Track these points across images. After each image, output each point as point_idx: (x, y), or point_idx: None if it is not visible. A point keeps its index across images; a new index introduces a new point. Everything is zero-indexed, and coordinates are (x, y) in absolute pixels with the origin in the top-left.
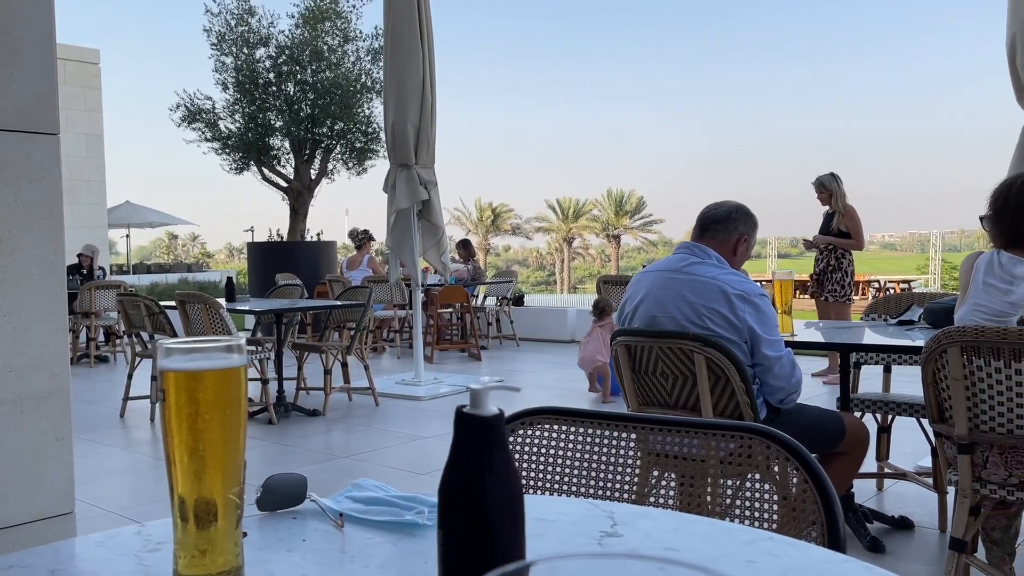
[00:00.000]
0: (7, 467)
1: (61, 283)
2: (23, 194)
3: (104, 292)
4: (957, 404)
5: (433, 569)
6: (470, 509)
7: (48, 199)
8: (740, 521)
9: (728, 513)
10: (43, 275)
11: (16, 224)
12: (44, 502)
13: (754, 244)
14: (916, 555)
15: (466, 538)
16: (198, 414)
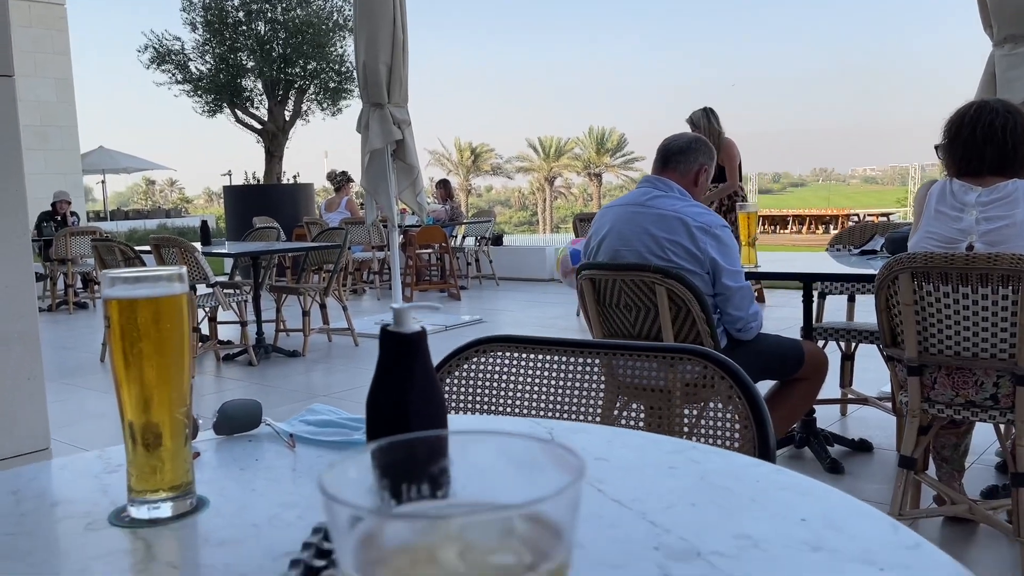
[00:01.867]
0: None
1: (25, 228)
2: None
3: (80, 238)
4: (907, 328)
5: None
6: (393, 419)
7: (6, 142)
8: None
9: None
10: (5, 219)
11: None
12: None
13: (712, 174)
14: (873, 475)
15: None
16: (141, 340)
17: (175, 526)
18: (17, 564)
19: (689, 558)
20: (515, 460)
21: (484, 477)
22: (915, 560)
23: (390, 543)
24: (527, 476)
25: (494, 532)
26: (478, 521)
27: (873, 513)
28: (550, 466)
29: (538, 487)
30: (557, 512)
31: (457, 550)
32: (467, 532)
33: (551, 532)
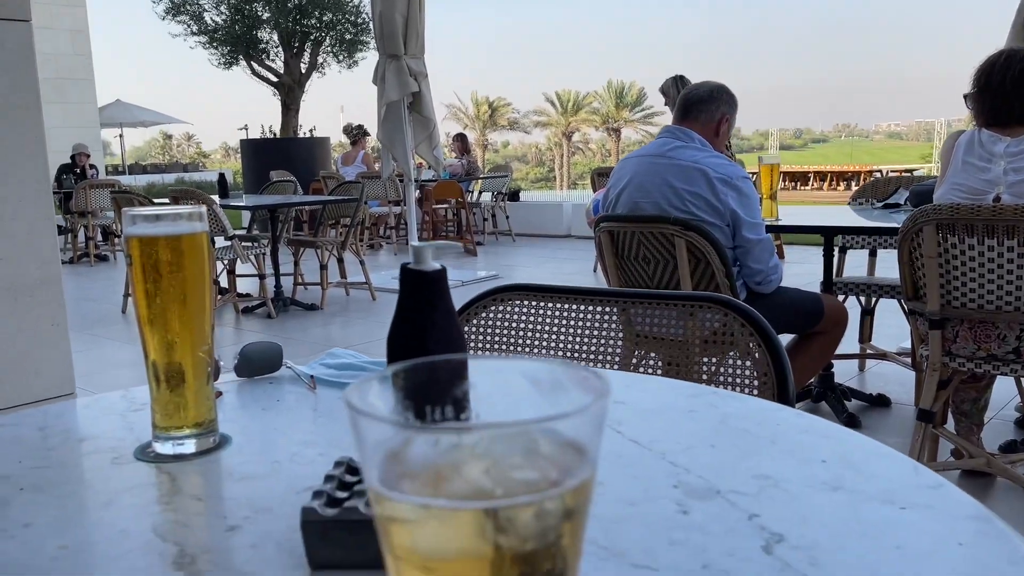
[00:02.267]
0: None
1: (45, 174)
2: None
3: (99, 191)
4: (930, 281)
5: None
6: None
7: (24, 88)
8: None
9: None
10: (25, 165)
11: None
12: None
13: (734, 124)
14: (890, 429)
15: None
16: (163, 278)
17: (199, 462)
18: (46, 496)
19: (708, 496)
20: (539, 383)
21: (507, 400)
22: (936, 500)
23: (415, 458)
24: (550, 398)
25: (518, 447)
26: (502, 434)
27: (894, 455)
28: (574, 388)
29: (562, 407)
30: (580, 430)
31: (482, 466)
32: (491, 447)
33: (575, 451)
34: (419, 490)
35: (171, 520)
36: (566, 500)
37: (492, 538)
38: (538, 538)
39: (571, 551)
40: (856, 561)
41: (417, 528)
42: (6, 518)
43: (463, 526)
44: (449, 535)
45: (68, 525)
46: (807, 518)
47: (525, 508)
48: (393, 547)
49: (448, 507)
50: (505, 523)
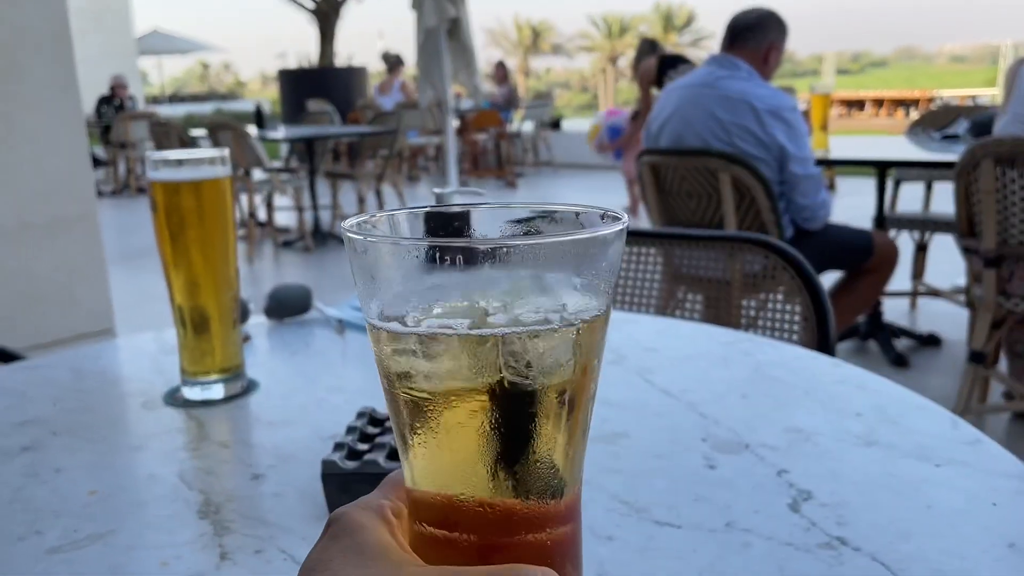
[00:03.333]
0: (45, 287)
1: (78, 109)
2: (28, 15)
3: (138, 123)
4: (987, 218)
5: None
6: None
7: (54, 19)
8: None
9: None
10: (59, 100)
11: (23, 47)
12: (83, 319)
13: (784, 51)
14: (940, 369)
15: None
16: (186, 223)
17: (226, 407)
18: (79, 439)
19: (736, 450)
20: (557, 221)
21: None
22: (973, 456)
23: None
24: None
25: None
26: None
27: (932, 408)
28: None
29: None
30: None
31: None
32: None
33: (588, 286)
34: (421, 319)
35: (197, 467)
36: (579, 333)
37: (500, 368)
38: (548, 373)
39: (581, 404)
40: (884, 521)
41: (420, 361)
42: (39, 463)
43: (470, 356)
44: (456, 367)
45: (98, 470)
46: (838, 474)
47: (535, 337)
48: (394, 387)
49: (455, 334)
50: (514, 353)
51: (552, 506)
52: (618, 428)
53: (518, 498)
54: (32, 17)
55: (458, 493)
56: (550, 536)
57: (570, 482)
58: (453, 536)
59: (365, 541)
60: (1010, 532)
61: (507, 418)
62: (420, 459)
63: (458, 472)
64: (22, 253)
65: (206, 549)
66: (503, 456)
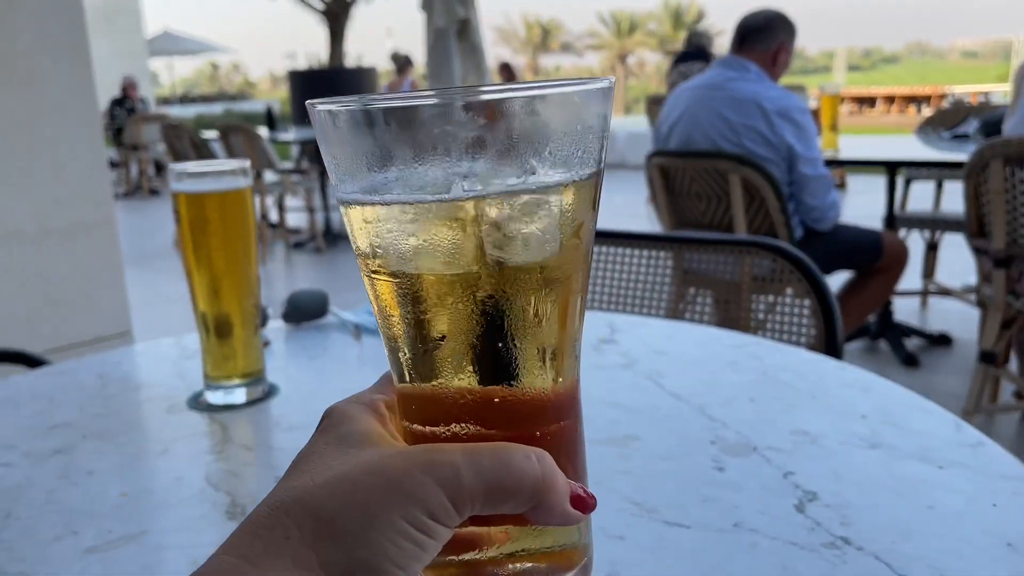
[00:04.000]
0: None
1: (95, 114)
2: (48, 26)
3: (150, 125)
4: (996, 218)
5: None
6: None
7: (73, 29)
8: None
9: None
10: (77, 107)
11: (44, 55)
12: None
13: (793, 52)
14: (950, 369)
15: None
16: (209, 233)
17: (248, 411)
18: (108, 443)
19: (744, 453)
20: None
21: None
22: (975, 459)
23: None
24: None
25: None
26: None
27: (936, 411)
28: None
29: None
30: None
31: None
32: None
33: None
34: (392, 190)
35: (223, 469)
36: (565, 198)
37: (480, 240)
38: (532, 243)
39: (570, 287)
40: (887, 521)
41: (393, 238)
42: (71, 465)
43: (446, 226)
44: (430, 240)
45: (128, 472)
46: (842, 476)
47: (515, 202)
48: (370, 270)
49: (429, 202)
50: (494, 222)
51: (544, 397)
52: (628, 431)
53: (506, 388)
54: (51, 25)
55: (442, 384)
56: (545, 430)
57: (564, 370)
58: (440, 431)
59: (351, 431)
60: (1009, 532)
61: (489, 298)
62: (401, 350)
63: (440, 361)
64: (42, 257)
65: None
66: (487, 341)
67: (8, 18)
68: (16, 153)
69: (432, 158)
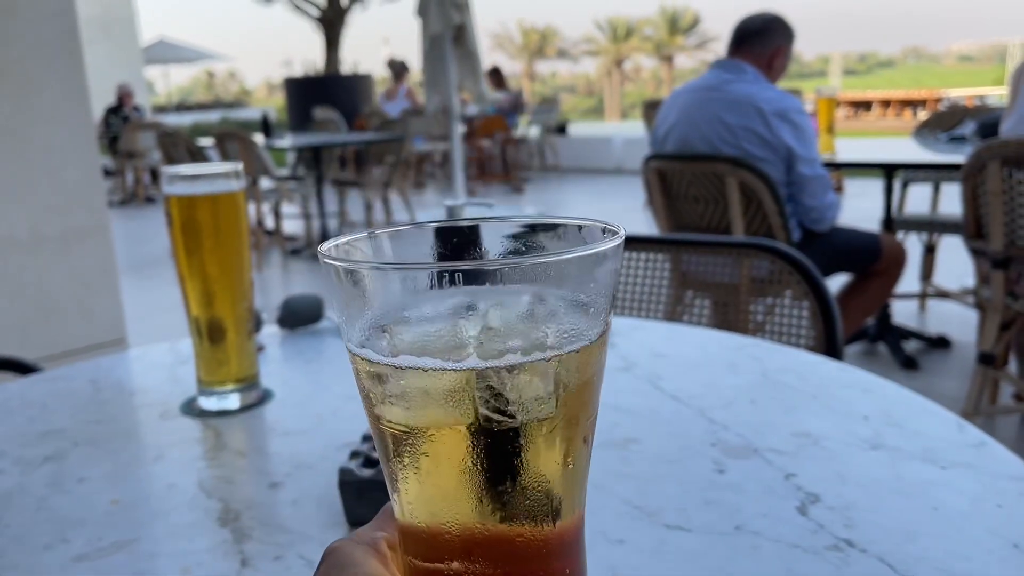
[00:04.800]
0: (60, 298)
1: (89, 121)
2: (42, 33)
3: (146, 133)
4: (994, 219)
5: None
6: None
7: (66, 36)
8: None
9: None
10: (71, 114)
11: (38, 63)
12: (96, 330)
13: (791, 56)
14: (950, 371)
15: None
16: (201, 236)
17: (242, 416)
18: (99, 450)
19: (745, 455)
20: (552, 238)
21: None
22: (978, 459)
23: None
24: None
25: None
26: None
27: (938, 411)
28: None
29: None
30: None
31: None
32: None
33: (578, 310)
34: (397, 349)
35: (216, 476)
36: (566, 364)
37: (477, 404)
38: (530, 408)
39: (573, 435)
40: (891, 523)
41: (395, 393)
42: (63, 472)
43: (445, 390)
44: (430, 401)
45: (119, 479)
46: (845, 477)
47: (514, 372)
48: (374, 416)
49: (429, 368)
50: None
51: (546, 538)
52: (629, 434)
53: (508, 532)
54: (45, 33)
55: (445, 526)
56: (549, 568)
57: (566, 512)
58: (444, 569)
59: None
60: (1014, 533)
61: (489, 454)
62: (405, 492)
63: (443, 506)
64: (36, 265)
65: (227, 556)
66: (488, 491)
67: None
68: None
69: (437, 321)
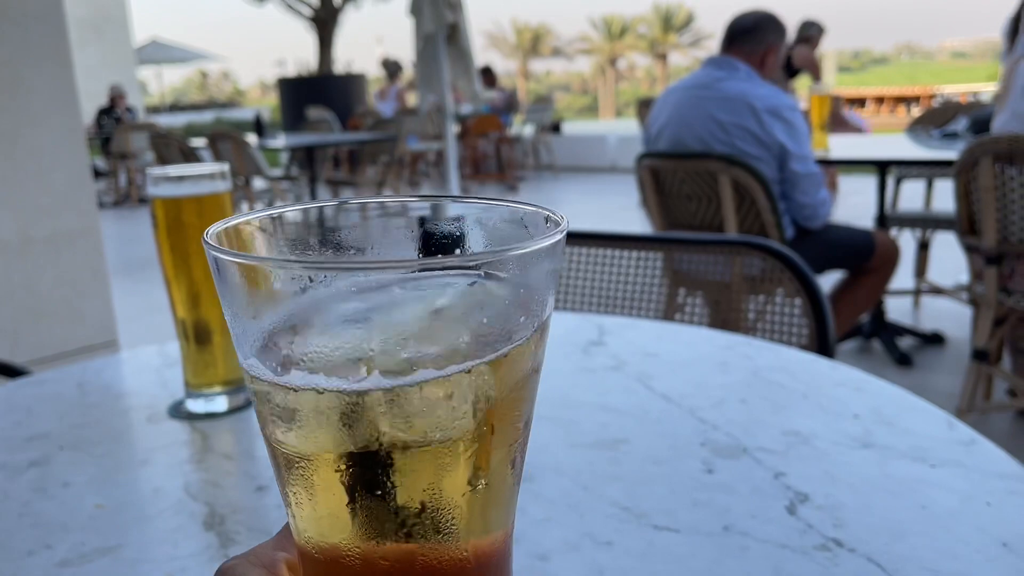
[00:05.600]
0: (50, 300)
1: (79, 123)
2: (30, 33)
3: (138, 134)
4: (986, 215)
5: None
6: None
7: (55, 36)
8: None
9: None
10: (60, 115)
11: (26, 64)
12: (87, 332)
13: (783, 55)
14: (944, 367)
15: None
16: (187, 238)
17: (230, 419)
18: (84, 454)
19: (735, 454)
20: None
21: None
22: (968, 457)
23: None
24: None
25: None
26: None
27: (928, 409)
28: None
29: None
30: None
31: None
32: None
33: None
34: (288, 363)
35: (202, 479)
36: (484, 377)
37: (377, 426)
38: (441, 427)
39: (496, 453)
40: (880, 522)
41: (287, 414)
42: (47, 477)
43: (340, 412)
44: (325, 423)
45: (105, 484)
46: (834, 476)
47: (423, 390)
48: (264, 433)
49: (326, 387)
50: (395, 408)
51: (462, 567)
52: (618, 434)
53: (418, 561)
54: (34, 34)
55: (345, 555)
56: None
57: (486, 537)
58: None
59: None
60: (1003, 532)
61: (393, 479)
62: (300, 517)
63: (342, 535)
64: (26, 267)
65: (212, 561)
66: (393, 519)
67: None
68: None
69: (334, 329)
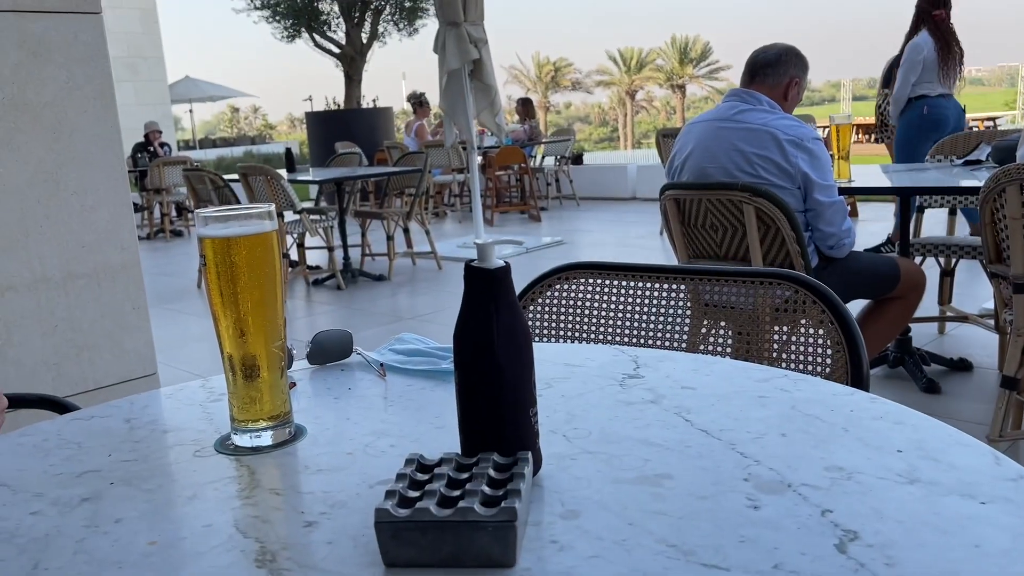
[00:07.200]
0: (92, 334)
1: (121, 162)
2: (75, 76)
3: (172, 168)
4: (1014, 243)
5: None
6: (479, 352)
7: (99, 79)
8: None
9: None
10: (103, 155)
11: (72, 107)
12: (128, 365)
13: (805, 87)
14: (972, 395)
15: (477, 376)
16: (235, 277)
17: (276, 454)
18: (135, 490)
19: (779, 490)
20: None
21: None
22: (1018, 493)
23: None
24: None
25: None
26: None
27: (973, 443)
28: None
29: None
30: None
31: None
32: None
33: None
34: None
35: (252, 515)
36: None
37: None
38: None
39: None
40: (933, 560)
41: None
42: (99, 514)
43: None
44: None
45: (156, 520)
46: (882, 513)
47: None
48: None
49: None
50: None
51: None
52: (660, 469)
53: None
54: (79, 77)
55: None
56: None
57: None
58: None
59: None
60: None
61: None
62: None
63: None
64: (68, 302)
65: None
66: None
67: (36, 69)
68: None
69: None
